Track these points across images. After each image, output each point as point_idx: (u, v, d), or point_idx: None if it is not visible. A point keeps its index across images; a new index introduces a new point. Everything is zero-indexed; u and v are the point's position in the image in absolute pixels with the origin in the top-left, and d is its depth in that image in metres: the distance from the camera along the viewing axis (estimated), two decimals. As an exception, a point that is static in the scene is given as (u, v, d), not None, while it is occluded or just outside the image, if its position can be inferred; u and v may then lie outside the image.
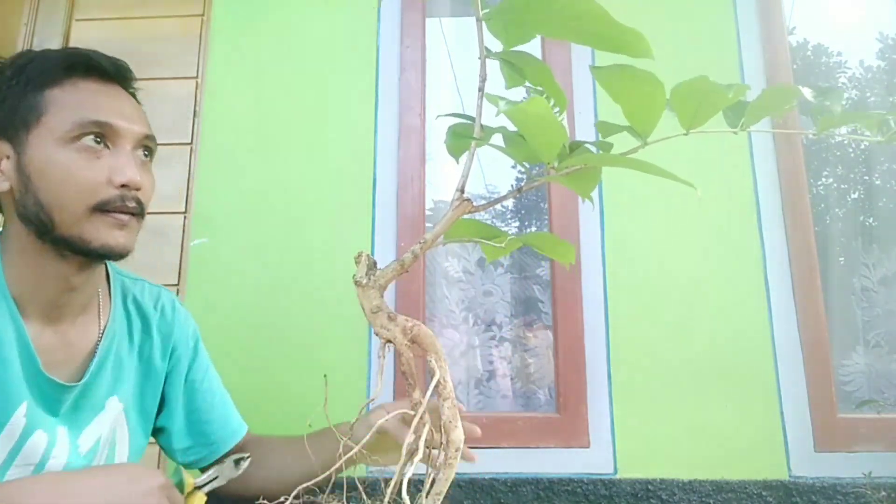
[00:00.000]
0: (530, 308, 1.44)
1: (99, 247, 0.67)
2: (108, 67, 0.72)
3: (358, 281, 0.59)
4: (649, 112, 0.47)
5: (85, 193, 0.66)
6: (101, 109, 0.68)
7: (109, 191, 0.67)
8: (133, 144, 0.71)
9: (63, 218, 0.66)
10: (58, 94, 0.68)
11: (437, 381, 0.55)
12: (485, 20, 0.49)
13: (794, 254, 1.29)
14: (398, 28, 1.44)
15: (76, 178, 0.66)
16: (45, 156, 0.66)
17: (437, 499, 0.52)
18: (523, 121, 0.47)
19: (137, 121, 0.73)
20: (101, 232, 0.67)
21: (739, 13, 1.43)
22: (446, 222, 0.55)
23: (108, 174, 0.67)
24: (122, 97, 0.73)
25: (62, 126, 0.66)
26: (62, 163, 0.66)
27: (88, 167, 0.66)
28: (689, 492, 1.17)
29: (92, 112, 0.67)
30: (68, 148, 0.66)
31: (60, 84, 0.68)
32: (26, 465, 0.68)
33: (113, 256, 0.70)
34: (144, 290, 0.85)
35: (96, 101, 0.69)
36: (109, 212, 0.67)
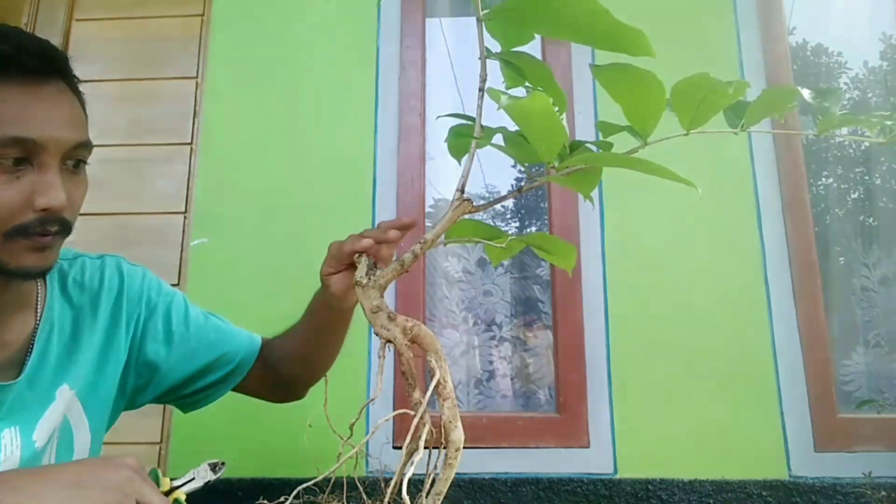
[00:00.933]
0: (530, 308, 1.44)
1: (14, 269, 0.62)
2: (36, 65, 0.61)
3: (358, 281, 0.59)
4: (649, 112, 0.47)
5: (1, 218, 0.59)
6: (21, 122, 0.59)
7: (28, 215, 0.60)
8: (61, 157, 0.62)
9: None
10: None
11: (437, 381, 0.55)
12: (484, 20, 0.49)
13: (794, 254, 1.29)
14: (398, 28, 1.44)
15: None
16: None
17: (437, 499, 0.52)
18: (524, 118, 0.47)
19: (67, 127, 0.63)
20: (18, 256, 0.61)
21: (739, 13, 1.43)
22: (446, 222, 0.55)
23: (27, 196, 0.60)
24: (53, 99, 0.63)
25: None
26: None
27: (6, 189, 0.59)
28: (689, 492, 1.17)
29: (10, 127, 0.58)
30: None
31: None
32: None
33: (31, 277, 0.65)
34: (85, 268, 0.78)
35: (16, 111, 0.59)
36: (29, 235, 0.60)
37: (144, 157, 1.42)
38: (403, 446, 0.55)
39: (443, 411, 0.55)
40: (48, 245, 0.63)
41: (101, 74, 1.47)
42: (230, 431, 1.14)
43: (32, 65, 0.61)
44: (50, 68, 0.63)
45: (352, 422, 0.60)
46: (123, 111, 1.45)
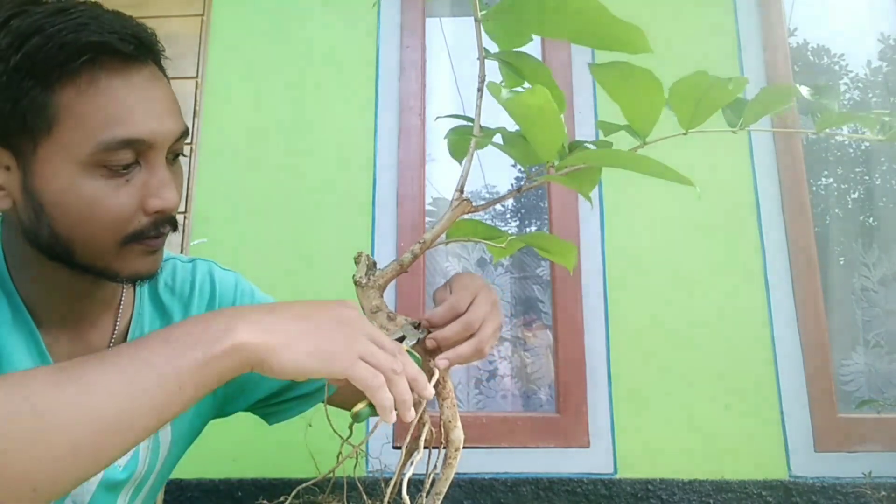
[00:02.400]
0: (530, 308, 1.44)
1: (128, 275, 0.59)
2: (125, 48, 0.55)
3: (358, 281, 0.59)
4: (648, 111, 0.48)
5: (114, 226, 0.55)
6: (131, 121, 0.54)
7: (142, 219, 0.56)
8: (168, 152, 0.58)
9: (86, 252, 0.56)
10: (73, 97, 0.52)
11: (437, 381, 0.55)
12: (483, 21, 0.49)
13: (794, 254, 1.29)
14: (398, 28, 1.44)
15: (104, 211, 0.54)
16: (63, 182, 0.53)
17: (437, 499, 0.53)
18: (523, 113, 0.47)
19: (171, 116, 0.58)
20: (131, 264, 0.58)
21: (739, 13, 1.43)
22: (446, 222, 0.55)
23: (140, 200, 0.56)
24: (151, 86, 0.57)
25: (82, 147, 0.52)
26: (87, 192, 0.53)
27: (118, 197, 0.54)
28: (689, 492, 1.17)
29: (120, 127, 0.53)
30: (92, 174, 0.53)
31: (75, 81, 0.52)
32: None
33: (142, 280, 0.62)
34: (176, 272, 0.74)
35: (124, 108, 0.54)
36: (142, 241, 0.57)
37: (144, 157, 1.42)
38: (403, 446, 0.55)
39: (443, 411, 0.55)
40: (158, 247, 0.60)
41: (101, 75, 1.47)
42: (230, 431, 1.14)
43: (125, 47, 0.55)
44: (144, 50, 0.58)
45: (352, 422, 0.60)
46: (123, 111, 1.45)
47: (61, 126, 0.52)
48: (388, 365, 0.48)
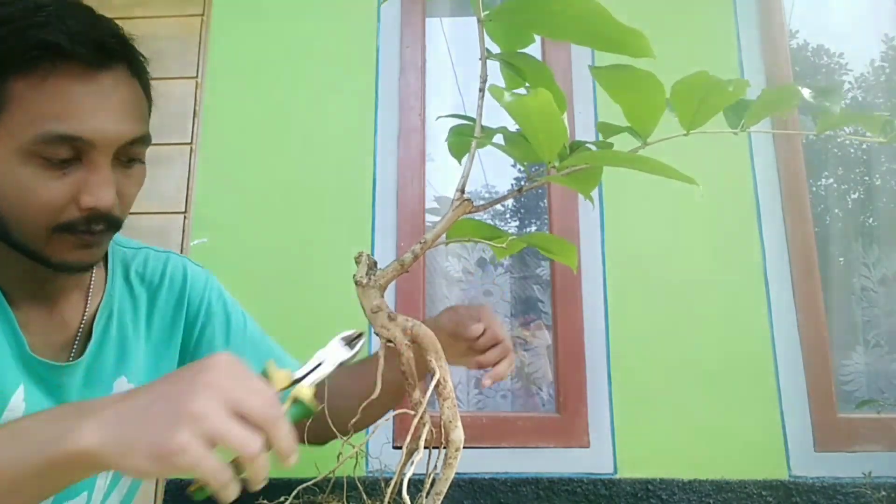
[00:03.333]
0: (530, 308, 1.44)
1: (57, 263, 0.61)
2: (90, 56, 0.56)
3: (358, 281, 0.59)
4: (649, 112, 0.48)
5: (45, 214, 0.57)
6: (73, 118, 0.55)
7: (73, 213, 0.58)
8: (112, 154, 0.59)
9: (21, 233, 0.59)
10: (24, 88, 0.54)
11: (437, 381, 0.55)
12: (485, 21, 0.49)
13: (794, 254, 1.29)
14: (398, 28, 1.44)
15: (36, 198, 0.56)
16: (2, 165, 0.56)
17: (437, 499, 0.52)
18: (525, 115, 0.47)
19: (122, 121, 0.59)
20: (61, 252, 0.60)
21: (739, 14, 1.43)
22: (446, 222, 0.55)
23: (73, 194, 0.57)
24: (107, 91, 0.58)
25: (23, 135, 0.54)
26: (21, 179, 0.55)
27: (50, 189, 0.56)
28: (689, 492, 1.17)
29: (59, 122, 0.55)
30: (29, 162, 0.55)
31: (29, 74, 0.54)
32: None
33: (73, 272, 0.64)
34: (148, 260, 0.76)
35: (69, 106, 0.55)
36: (73, 232, 0.59)
37: (144, 157, 1.42)
38: (403, 446, 0.55)
39: (443, 411, 0.55)
40: (92, 243, 0.61)
41: (101, 74, 1.47)
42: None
43: (87, 55, 0.56)
44: (108, 56, 0.59)
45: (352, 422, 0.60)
46: (123, 111, 1.45)
47: (9, 113, 0.55)
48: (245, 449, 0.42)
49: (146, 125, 0.65)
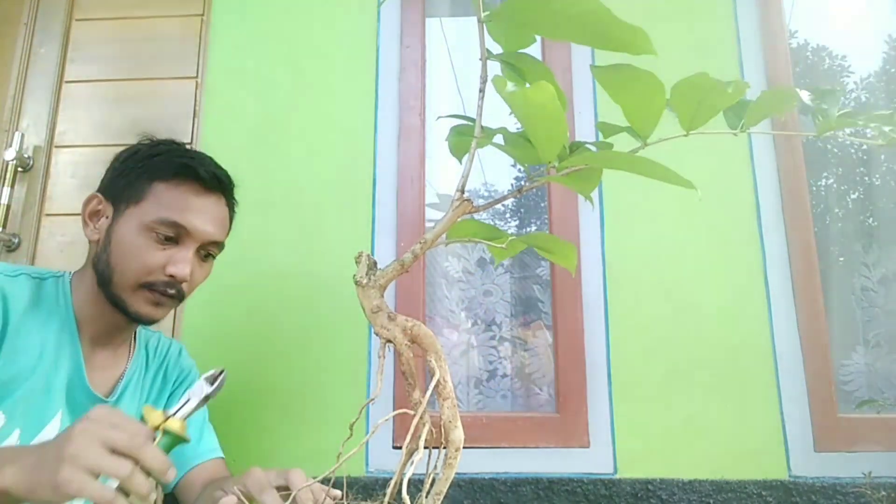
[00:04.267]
0: (530, 308, 1.44)
1: (132, 312, 0.82)
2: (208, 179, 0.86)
3: (358, 281, 0.59)
4: (649, 112, 0.48)
5: (140, 273, 0.81)
6: (181, 213, 0.83)
7: (159, 276, 0.82)
8: (198, 245, 0.85)
9: (118, 282, 0.81)
10: (160, 189, 0.83)
11: (437, 381, 0.55)
12: (486, 22, 0.49)
13: (794, 254, 1.29)
14: (398, 28, 1.44)
15: (139, 259, 0.81)
16: (128, 232, 0.82)
17: (437, 499, 0.52)
18: (526, 109, 0.46)
19: (211, 225, 0.86)
20: (139, 304, 0.82)
21: (739, 14, 1.43)
22: (447, 222, 0.55)
23: (163, 263, 0.82)
24: (210, 205, 0.87)
25: (148, 216, 0.82)
26: (135, 244, 0.81)
27: (151, 254, 0.81)
28: (689, 492, 1.17)
29: (172, 213, 0.82)
30: (145, 234, 0.81)
31: (166, 181, 0.84)
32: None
33: (141, 322, 0.85)
34: (160, 341, 1.01)
35: (182, 205, 0.83)
36: (152, 290, 0.82)
37: (144, 156, 1.42)
38: (403, 446, 0.55)
39: (443, 411, 0.55)
40: (162, 303, 0.84)
41: (101, 74, 1.47)
42: (230, 432, 1.14)
43: (206, 178, 0.86)
44: (217, 185, 0.88)
45: (352, 422, 0.60)
46: (123, 111, 1.45)
47: (146, 203, 0.83)
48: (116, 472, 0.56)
49: (225, 237, 0.92)
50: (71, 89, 1.47)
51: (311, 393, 1.24)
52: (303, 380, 1.24)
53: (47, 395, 0.79)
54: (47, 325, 0.81)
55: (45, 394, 0.79)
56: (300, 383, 1.24)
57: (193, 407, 0.68)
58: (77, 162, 1.42)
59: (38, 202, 1.40)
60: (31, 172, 1.42)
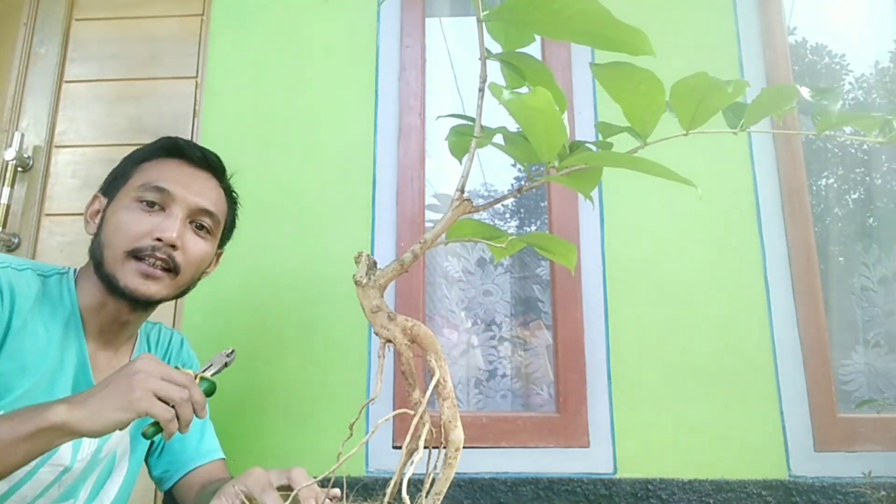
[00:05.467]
0: (530, 308, 1.44)
1: (122, 287, 0.80)
2: (193, 156, 0.87)
3: (358, 281, 0.59)
4: (649, 112, 0.48)
5: (126, 239, 0.79)
6: (164, 178, 0.83)
7: (145, 241, 0.80)
8: (185, 213, 0.83)
9: (108, 256, 0.80)
10: (146, 166, 0.85)
11: (437, 381, 0.55)
12: (485, 21, 0.49)
13: (794, 254, 1.29)
14: (398, 28, 1.44)
15: (125, 226, 0.80)
16: (117, 209, 0.82)
17: (437, 499, 0.52)
18: (525, 114, 0.47)
19: (201, 195, 0.85)
20: (127, 276, 0.80)
21: (739, 13, 1.43)
22: (446, 222, 0.55)
23: (149, 228, 0.80)
24: (200, 178, 0.87)
25: (134, 186, 0.83)
26: (122, 213, 0.81)
27: (137, 220, 0.80)
28: (689, 492, 1.17)
29: (155, 179, 0.82)
30: (131, 205, 0.81)
31: (150, 159, 0.86)
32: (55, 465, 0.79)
33: (135, 299, 0.81)
34: (161, 332, 1.00)
35: (165, 173, 0.84)
36: (141, 259, 0.80)
37: (144, 156, 1.42)
38: (403, 446, 0.55)
39: (443, 411, 0.55)
40: (151, 274, 0.81)
41: (100, 74, 1.47)
42: (230, 432, 1.14)
43: (191, 155, 0.87)
44: (204, 162, 0.88)
45: (352, 422, 0.60)
46: (123, 111, 1.45)
47: (132, 179, 0.84)
48: (177, 396, 0.67)
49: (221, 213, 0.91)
50: (71, 89, 1.47)
51: (311, 393, 1.24)
52: (303, 380, 1.24)
53: (51, 392, 0.78)
54: (53, 322, 0.80)
55: (49, 391, 0.78)
56: (300, 383, 1.24)
57: (214, 371, 0.79)
58: (77, 162, 1.42)
59: (37, 202, 1.40)
60: (30, 172, 1.42)
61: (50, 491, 0.80)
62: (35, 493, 0.78)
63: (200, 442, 0.97)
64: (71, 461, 0.80)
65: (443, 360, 0.57)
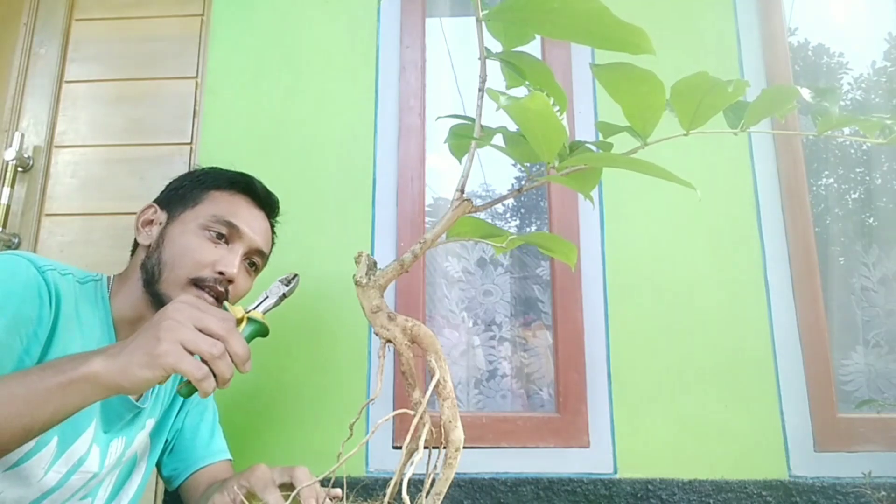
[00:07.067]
0: (530, 308, 1.44)
1: None
2: (260, 194, 0.92)
3: (358, 281, 0.59)
4: (649, 111, 0.47)
5: (191, 267, 0.81)
6: (235, 215, 0.86)
7: (208, 272, 0.82)
8: (246, 251, 0.87)
9: (167, 278, 0.81)
10: (216, 195, 0.88)
11: (437, 381, 0.55)
12: (485, 20, 0.49)
13: (794, 254, 1.29)
14: (398, 28, 1.44)
15: (192, 254, 0.82)
16: (183, 231, 0.84)
17: (437, 499, 0.52)
18: (523, 118, 0.47)
19: (259, 236, 0.89)
20: None
21: (739, 13, 1.43)
22: (446, 222, 0.55)
23: (214, 260, 0.83)
24: (260, 219, 0.91)
25: (203, 215, 0.85)
26: (189, 240, 0.83)
27: (204, 250, 0.83)
28: (689, 492, 1.17)
29: (227, 214, 0.86)
30: (199, 232, 0.84)
31: (222, 190, 0.88)
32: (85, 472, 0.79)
33: None
34: None
35: (236, 210, 0.87)
36: (201, 287, 0.82)
37: (144, 157, 1.42)
38: (403, 446, 0.55)
39: (443, 411, 0.55)
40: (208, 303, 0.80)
41: (100, 74, 1.47)
42: (231, 431, 1.14)
43: (258, 192, 0.92)
44: (267, 201, 0.94)
45: (352, 422, 0.60)
46: (123, 111, 1.45)
47: (202, 206, 0.86)
48: (208, 350, 0.60)
49: (269, 252, 0.96)
50: (71, 89, 1.47)
51: (311, 393, 1.24)
52: (303, 380, 1.24)
53: None
54: (88, 330, 0.79)
55: None
56: (300, 383, 1.24)
57: (272, 304, 0.78)
58: (77, 162, 1.42)
59: (37, 202, 1.40)
60: (30, 172, 1.42)
61: (76, 494, 0.80)
62: (64, 498, 0.78)
63: (211, 441, 0.98)
64: (99, 467, 0.80)
65: (443, 361, 0.57)
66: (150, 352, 0.58)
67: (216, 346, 0.60)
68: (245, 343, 0.64)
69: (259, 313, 0.73)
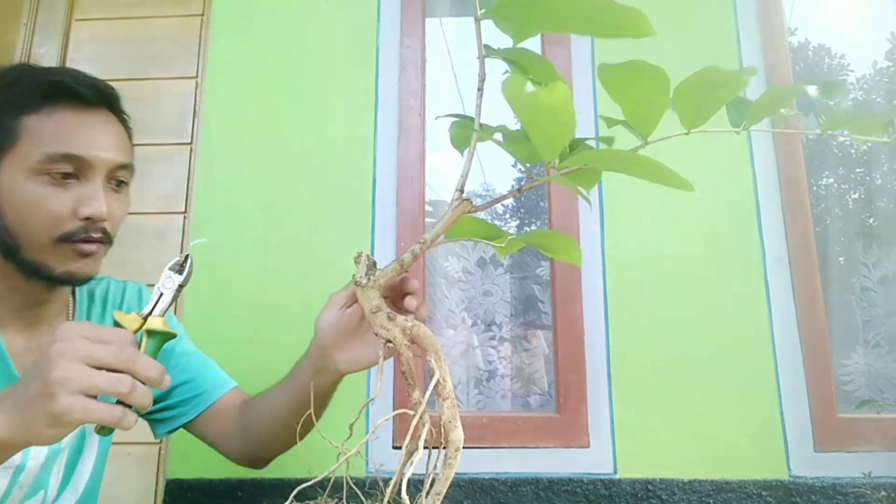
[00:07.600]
0: (530, 308, 1.44)
1: (60, 273, 0.69)
2: (87, 94, 0.71)
3: (358, 281, 0.59)
4: (651, 110, 0.47)
5: (49, 225, 0.67)
6: (72, 141, 0.68)
7: (74, 223, 0.68)
8: (104, 175, 0.71)
9: (28, 244, 0.68)
10: (34, 121, 0.68)
11: (437, 381, 0.55)
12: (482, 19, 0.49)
13: (794, 254, 1.29)
14: (398, 28, 1.44)
15: (42, 210, 0.67)
16: (15, 183, 0.67)
17: (437, 499, 0.52)
18: (534, 111, 0.46)
19: (112, 149, 0.71)
20: (64, 261, 0.69)
21: (739, 13, 1.42)
22: (446, 222, 0.55)
23: (73, 206, 0.68)
24: (100, 124, 0.72)
25: (32, 156, 0.67)
26: (29, 193, 0.67)
27: (54, 199, 0.67)
28: (689, 492, 1.16)
29: (62, 144, 0.67)
30: (37, 179, 0.67)
31: (37, 111, 0.68)
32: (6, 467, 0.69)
33: (75, 283, 0.72)
34: (109, 287, 0.86)
35: (69, 132, 0.68)
36: (74, 242, 0.68)
37: (144, 157, 1.41)
38: (403, 446, 0.55)
39: (442, 411, 0.55)
40: (91, 252, 0.70)
41: (100, 74, 1.45)
42: (230, 431, 1.14)
43: (85, 94, 0.70)
44: (99, 98, 0.73)
45: (352, 422, 0.60)
46: (123, 111, 1.45)
47: (21, 143, 0.67)
48: (115, 390, 0.51)
49: (131, 157, 0.76)
50: (70, 89, 1.47)
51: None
52: (302, 380, 1.24)
53: None
54: None
55: None
56: (300, 383, 1.24)
57: (169, 300, 0.63)
58: (76, 162, 1.42)
59: (37, 202, 1.39)
60: (30, 172, 1.42)
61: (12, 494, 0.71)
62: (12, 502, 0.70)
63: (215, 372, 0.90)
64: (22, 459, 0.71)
65: (443, 361, 0.57)
66: (49, 412, 0.49)
67: (122, 384, 0.51)
68: (153, 362, 0.54)
69: (159, 320, 0.60)
